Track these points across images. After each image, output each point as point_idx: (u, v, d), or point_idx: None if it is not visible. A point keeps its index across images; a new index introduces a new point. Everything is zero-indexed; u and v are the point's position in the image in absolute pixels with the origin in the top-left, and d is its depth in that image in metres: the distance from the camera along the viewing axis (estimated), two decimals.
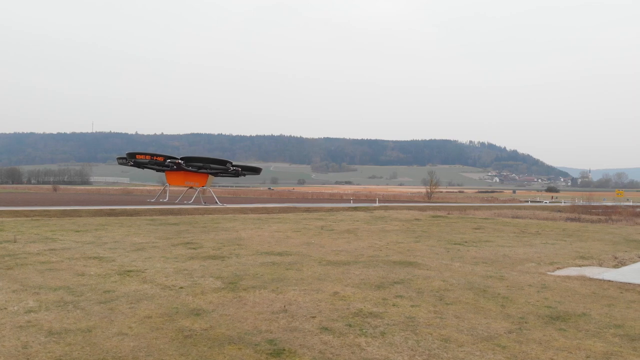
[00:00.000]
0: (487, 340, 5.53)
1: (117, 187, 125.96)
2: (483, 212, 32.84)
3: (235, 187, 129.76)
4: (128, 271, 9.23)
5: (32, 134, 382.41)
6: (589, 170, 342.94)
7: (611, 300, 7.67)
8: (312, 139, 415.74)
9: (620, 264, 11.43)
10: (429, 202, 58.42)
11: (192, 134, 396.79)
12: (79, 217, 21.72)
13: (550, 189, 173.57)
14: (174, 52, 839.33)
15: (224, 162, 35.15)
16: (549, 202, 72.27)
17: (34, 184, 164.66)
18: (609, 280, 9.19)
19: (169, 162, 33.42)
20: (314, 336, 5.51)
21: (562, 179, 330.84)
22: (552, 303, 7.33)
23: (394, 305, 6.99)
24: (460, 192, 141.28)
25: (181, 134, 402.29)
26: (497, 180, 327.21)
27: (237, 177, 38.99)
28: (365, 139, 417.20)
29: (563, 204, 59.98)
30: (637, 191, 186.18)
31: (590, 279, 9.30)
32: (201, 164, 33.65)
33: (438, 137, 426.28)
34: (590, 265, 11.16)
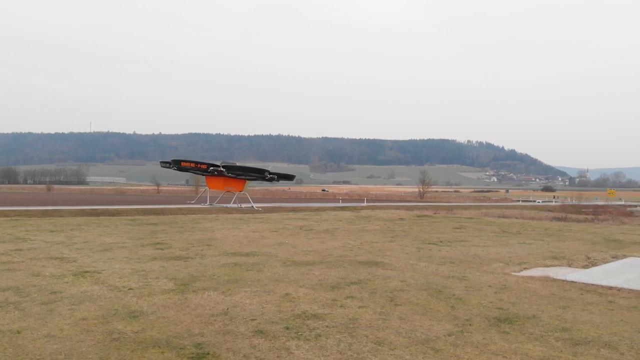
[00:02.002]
0: (423, 343, 5.39)
1: (111, 187, 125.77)
2: (470, 212, 32.72)
3: None
4: (84, 272, 9.08)
5: (30, 133, 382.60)
6: (587, 170, 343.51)
7: (568, 301, 7.53)
8: (311, 138, 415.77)
9: (590, 264, 11.30)
10: (420, 202, 58.29)
11: (191, 134, 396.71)
12: (59, 217, 21.55)
13: (546, 189, 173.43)
14: (174, 52, 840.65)
15: (262, 171, 38.48)
16: (542, 202, 72.15)
17: (30, 184, 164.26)
18: (573, 281, 9.05)
19: (212, 169, 35.83)
20: (244, 339, 5.37)
21: (559, 179, 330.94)
22: (505, 304, 7.19)
23: (341, 306, 6.85)
24: (455, 191, 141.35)
25: (179, 133, 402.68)
26: (495, 179, 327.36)
27: (271, 182, 42.18)
28: (364, 138, 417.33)
29: (554, 203, 59.89)
30: (635, 191, 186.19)
31: (554, 280, 9.16)
32: (240, 172, 35.87)
33: (436, 137, 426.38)
34: (559, 265, 11.04)
